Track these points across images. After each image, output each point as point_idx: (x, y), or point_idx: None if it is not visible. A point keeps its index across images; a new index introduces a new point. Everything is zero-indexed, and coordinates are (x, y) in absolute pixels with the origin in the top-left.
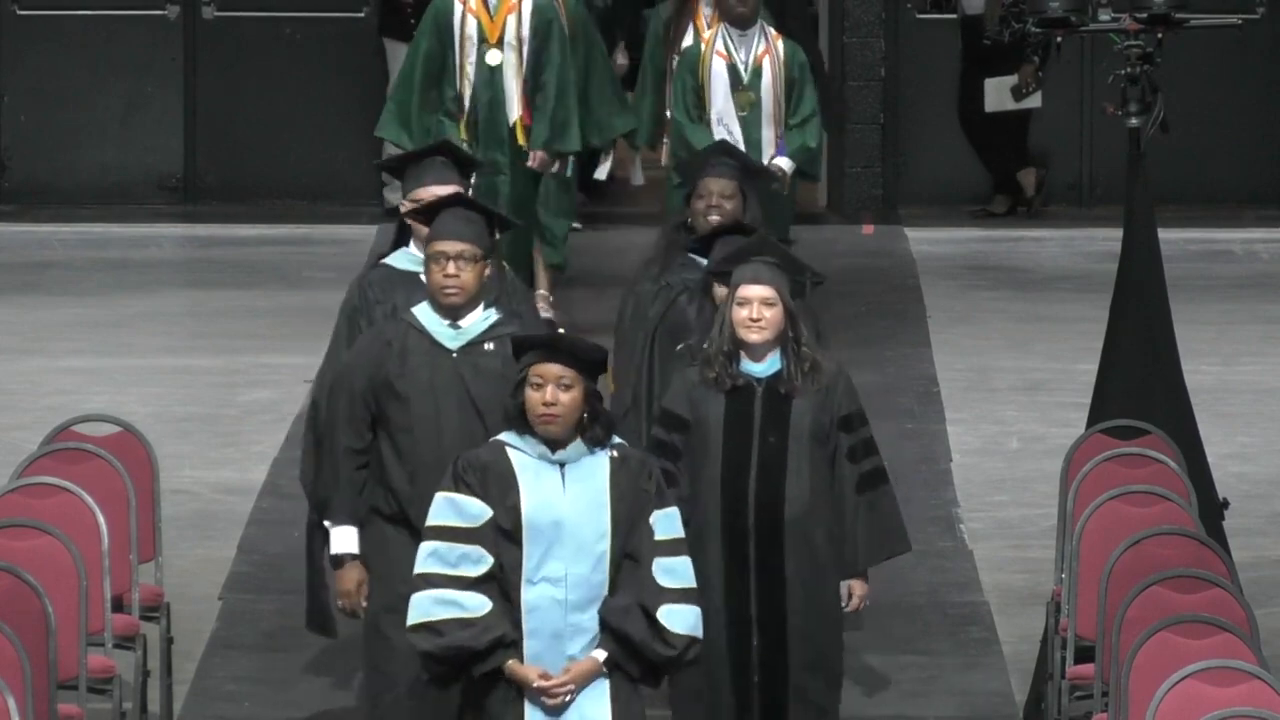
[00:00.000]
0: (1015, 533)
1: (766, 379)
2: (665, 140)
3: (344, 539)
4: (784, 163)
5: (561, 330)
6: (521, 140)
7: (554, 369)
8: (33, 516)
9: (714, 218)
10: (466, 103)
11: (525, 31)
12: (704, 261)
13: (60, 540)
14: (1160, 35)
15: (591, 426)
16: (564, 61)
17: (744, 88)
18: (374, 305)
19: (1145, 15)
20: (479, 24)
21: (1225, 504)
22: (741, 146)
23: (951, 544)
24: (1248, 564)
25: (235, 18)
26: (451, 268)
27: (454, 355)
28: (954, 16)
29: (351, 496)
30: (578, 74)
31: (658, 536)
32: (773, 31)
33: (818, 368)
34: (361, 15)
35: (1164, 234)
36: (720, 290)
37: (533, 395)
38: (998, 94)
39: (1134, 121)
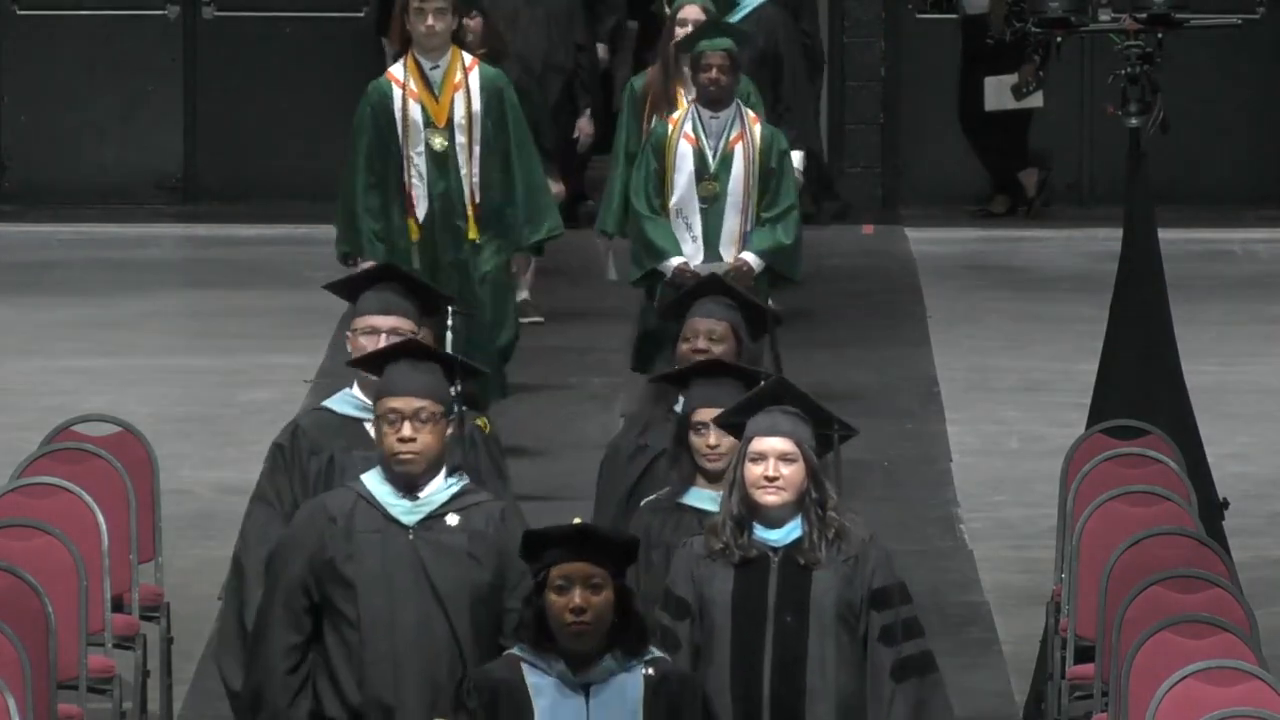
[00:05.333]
0: (1015, 533)
1: (784, 549)
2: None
3: None
4: (751, 259)
5: (579, 520)
6: (473, 234)
7: (581, 568)
8: (33, 516)
9: None
10: (417, 198)
11: (476, 108)
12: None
13: (60, 540)
14: (1160, 35)
15: (624, 635)
16: (524, 136)
17: (709, 177)
18: (308, 456)
19: (1145, 15)
20: (423, 107)
21: (1225, 504)
22: (700, 240)
23: (951, 544)
24: (1248, 564)
25: (235, 18)
26: (407, 429)
27: (410, 533)
28: (954, 17)
29: (287, 703)
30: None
31: None
32: (750, 114)
33: (844, 534)
34: (361, 15)
35: (1164, 234)
36: (698, 439)
37: (557, 601)
38: (998, 92)
39: (1134, 121)
